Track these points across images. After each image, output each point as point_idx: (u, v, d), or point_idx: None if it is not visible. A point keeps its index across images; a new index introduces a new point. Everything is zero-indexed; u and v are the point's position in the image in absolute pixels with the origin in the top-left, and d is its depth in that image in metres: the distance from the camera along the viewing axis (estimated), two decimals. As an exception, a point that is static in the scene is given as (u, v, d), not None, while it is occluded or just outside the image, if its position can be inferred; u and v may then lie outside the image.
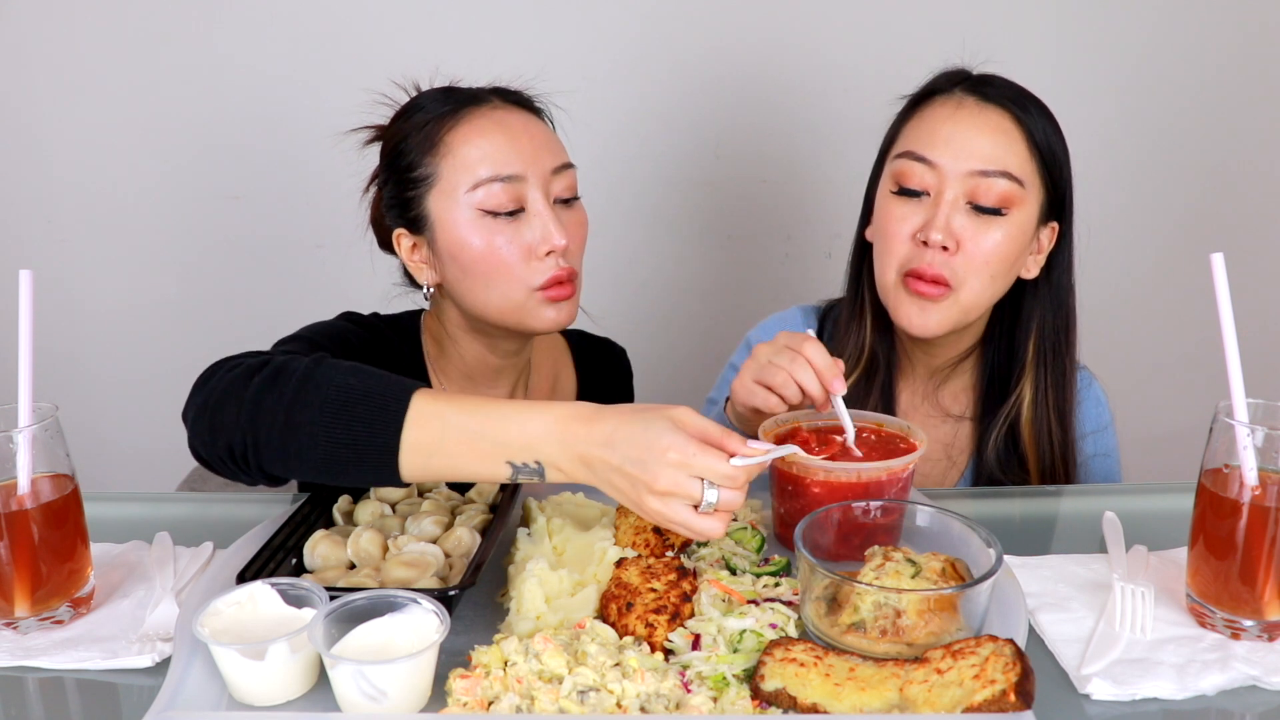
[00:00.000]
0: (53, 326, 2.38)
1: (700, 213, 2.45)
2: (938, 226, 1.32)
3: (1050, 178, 1.38)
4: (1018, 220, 1.35)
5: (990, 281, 1.36)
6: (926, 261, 1.34)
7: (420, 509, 1.15)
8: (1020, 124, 1.35)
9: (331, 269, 2.41)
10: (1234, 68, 2.41)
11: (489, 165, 1.32)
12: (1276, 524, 0.93)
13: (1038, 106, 1.38)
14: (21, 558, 0.97)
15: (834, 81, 2.36)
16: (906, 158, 1.37)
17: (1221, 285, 0.98)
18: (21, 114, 2.33)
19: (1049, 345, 1.45)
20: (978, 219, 1.34)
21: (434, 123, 1.36)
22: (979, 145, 1.33)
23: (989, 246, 1.33)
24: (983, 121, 1.34)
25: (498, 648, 0.89)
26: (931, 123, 1.37)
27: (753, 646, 0.91)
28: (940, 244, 1.33)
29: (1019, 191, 1.33)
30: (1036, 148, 1.35)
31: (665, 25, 2.32)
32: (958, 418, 1.54)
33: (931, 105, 1.39)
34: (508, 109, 1.39)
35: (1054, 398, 1.45)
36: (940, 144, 1.34)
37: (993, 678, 0.80)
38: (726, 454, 0.93)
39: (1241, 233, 2.51)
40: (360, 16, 2.29)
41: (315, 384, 1.00)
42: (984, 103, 1.36)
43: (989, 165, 1.33)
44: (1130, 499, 1.32)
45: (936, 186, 1.35)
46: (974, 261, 1.34)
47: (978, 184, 1.33)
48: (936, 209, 1.34)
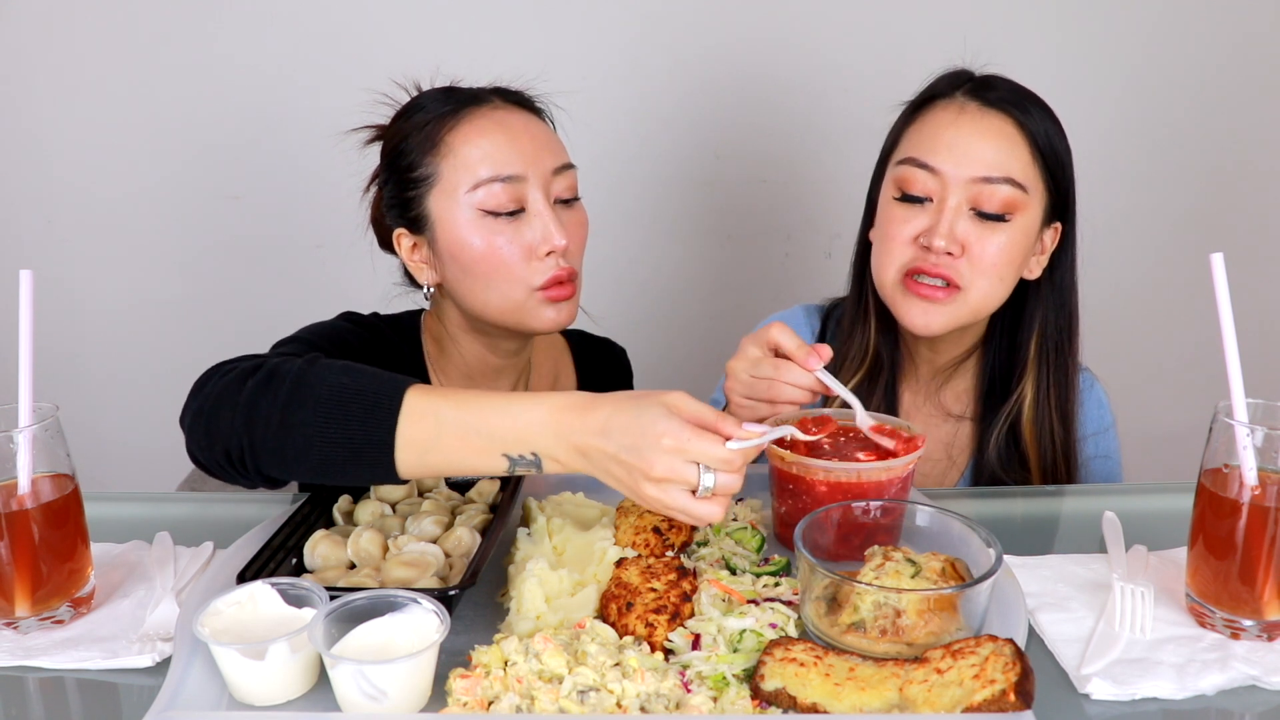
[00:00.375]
0: (53, 326, 2.39)
1: (700, 213, 2.45)
2: (941, 233, 1.32)
3: (1053, 180, 1.37)
4: (1021, 225, 1.34)
5: (998, 284, 1.36)
6: (930, 263, 1.34)
7: (420, 509, 1.15)
8: (1022, 128, 1.34)
9: (331, 269, 2.41)
10: (1236, 67, 2.41)
11: (489, 165, 1.32)
12: (1276, 524, 0.93)
13: (1039, 107, 1.37)
14: (22, 558, 0.97)
15: (834, 82, 2.36)
16: (909, 164, 1.36)
17: (1221, 285, 0.98)
18: (21, 114, 2.33)
19: (1051, 345, 1.44)
20: (982, 224, 1.33)
21: (434, 122, 1.36)
22: (982, 152, 1.32)
23: (994, 251, 1.33)
24: (985, 127, 1.33)
25: (498, 648, 0.89)
26: (934, 128, 1.36)
27: (753, 646, 0.91)
28: (945, 250, 1.32)
29: (1022, 197, 1.33)
30: (1039, 151, 1.34)
31: (665, 26, 2.33)
32: (959, 417, 1.54)
33: (933, 110, 1.38)
34: (508, 109, 1.39)
35: (1056, 397, 1.45)
36: (943, 150, 1.34)
37: (992, 677, 0.80)
38: (722, 437, 0.93)
39: (1242, 233, 2.51)
40: (360, 17, 2.29)
41: (308, 385, 1.00)
42: (986, 108, 1.34)
43: (992, 172, 1.32)
44: (1130, 499, 1.32)
45: (939, 193, 1.34)
46: (980, 264, 1.34)
47: (981, 190, 1.32)
48: (940, 215, 1.33)
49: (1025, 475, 1.46)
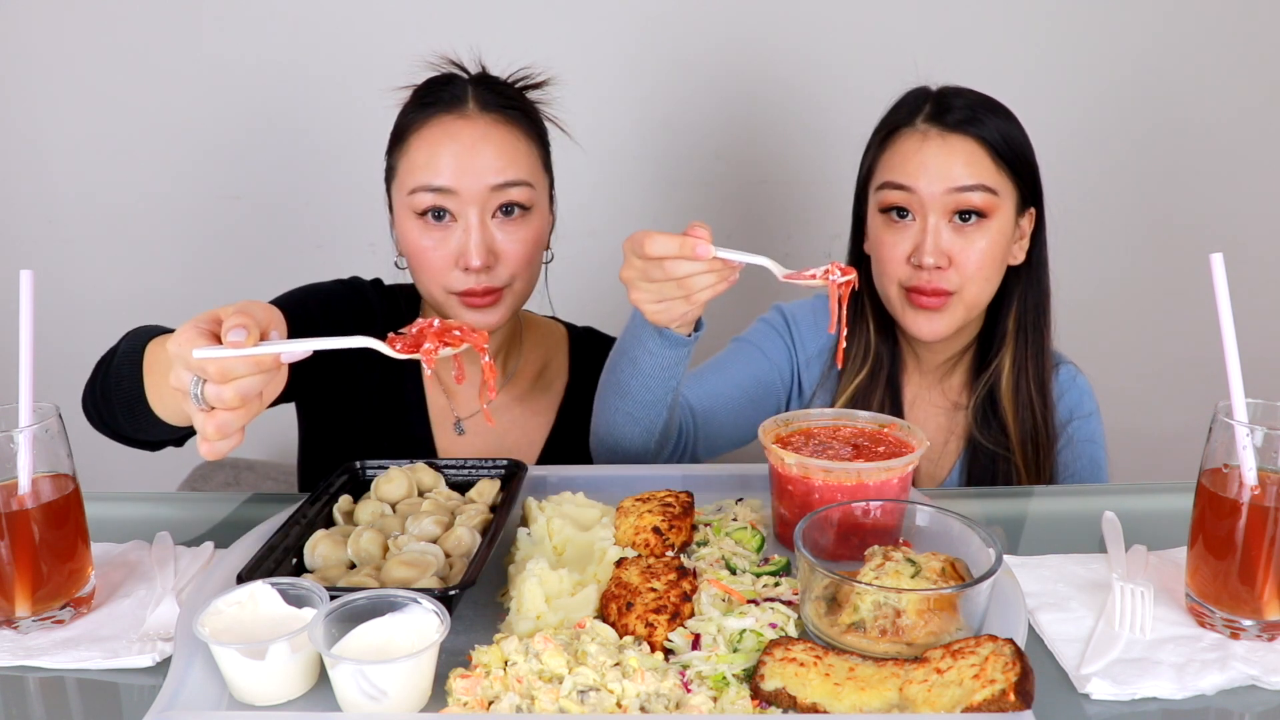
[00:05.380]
0: (54, 327, 2.38)
1: (700, 213, 2.45)
2: (928, 250, 1.44)
3: (1018, 175, 1.48)
4: (997, 223, 1.46)
5: (987, 282, 1.49)
6: (924, 279, 1.46)
7: (420, 509, 1.15)
8: (982, 142, 1.45)
9: (331, 269, 2.40)
10: (1237, 68, 2.41)
11: (424, 174, 1.40)
12: (1276, 524, 0.93)
13: (994, 113, 1.47)
14: (22, 558, 0.97)
15: (835, 82, 2.36)
16: (887, 188, 1.48)
17: (1221, 285, 0.98)
18: (22, 115, 2.33)
19: (1029, 320, 1.55)
20: (962, 232, 1.46)
21: (409, 118, 1.45)
22: (950, 170, 1.44)
23: (978, 255, 1.45)
24: (949, 150, 1.45)
25: (498, 647, 0.89)
26: (902, 155, 1.48)
27: (753, 646, 0.91)
28: (934, 265, 1.44)
29: (994, 199, 1.45)
30: (1000, 156, 1.46)
31: (666, 26, 2.33)
32: (959, 405, 1.62)
33: (899, 139, 1.49)
34: (473, 118, 1.42)
35: (1033, 368, 1.55)
36: (914, 171, 1.45)
37: (992, 677, 0.80)
38: None
39: (1242, 233, 2.51)
40: (360, 17, 2.29)
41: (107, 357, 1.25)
42: (947, 133, 1.45)
43: (962, 182, 1.44)
44: (1130, 499, 1.32)
45: (920, 209, 1.46)
46: (967, 270, 1.46)
47: (956, 199, 1.44)
48: (924, 234, 1.45)
49: (1005, 441, 1.55)
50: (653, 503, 1.14)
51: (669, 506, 1.13)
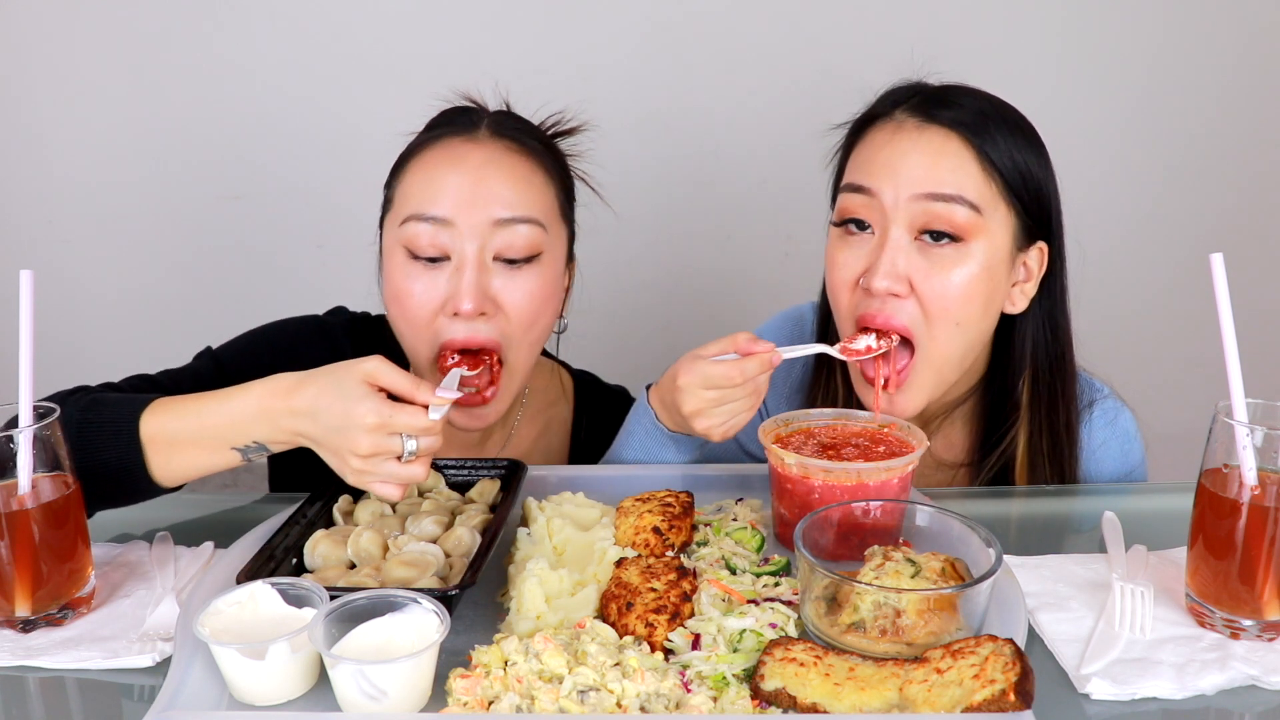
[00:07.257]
0: (54, 327, 2.39)
1: (700, 213, 2.45)
2: (882, 270, 1.18)
3: (1021, 199, 1.22)
4: (978, 254, 1.19)
5: (957, 329, 1.20)
6: (874, 308, 1.20)
7: (420, 509, 1.15)
8: (970, 144, 1.19)
9: (331, 269, 2.41)
10: (1238, 69, 2.41)
11: (419, 202, 1.22)
12: (1276, 524, 0.93)
13: (1002, 121, 1.23)
14: (22, 558, 0.97)
15: (835, 82, 2.35)
16: (846, 190, 1.25)
17: (1221, 285, 0.98)
18: (23, 114, 2.33)
19: (1044, 387, 1.29)
20: (931, 256, 1.19)
21: (412, 144, 1.30)
22: (919, 169, 1.18)
23: (947, 289, 1.18)
24: (924, 144, 1.20)
25: (498, 647, 0.89)
26: (869, 150, 1.24)
27: (752, 646, 0.91)
28: (887, 290, 1.18)
29: (975, 220, 1.18)
30: (995, 169, 1.19)
31: (667, 28, 2.33)
32: (952, 465, 1.40)
33: (871, 131, 1.26)
34: (484, 142, 1.26)
35: (1049, 445, 1.31)
36: (877, 170, 1.21)
37: (992, 677, 0.80)
38: (421, 406, 0.98)
39: (1242, 232, 2.51)
40: (360, 18, 2.29)
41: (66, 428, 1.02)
42: (925, 123, 1.21)
43: (932, 188, 1.18)
44: (1130, 499, 1.32)
45: (880, 221, 1.20)
46: (932, 306, 1.18)
47: (926, 210, 1.18)
48: (881, 248, 1.19)
49: None
50: (653, 503, 1.14)
51: (669, 506, 1.13)
